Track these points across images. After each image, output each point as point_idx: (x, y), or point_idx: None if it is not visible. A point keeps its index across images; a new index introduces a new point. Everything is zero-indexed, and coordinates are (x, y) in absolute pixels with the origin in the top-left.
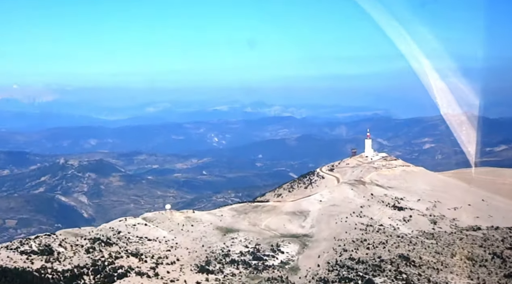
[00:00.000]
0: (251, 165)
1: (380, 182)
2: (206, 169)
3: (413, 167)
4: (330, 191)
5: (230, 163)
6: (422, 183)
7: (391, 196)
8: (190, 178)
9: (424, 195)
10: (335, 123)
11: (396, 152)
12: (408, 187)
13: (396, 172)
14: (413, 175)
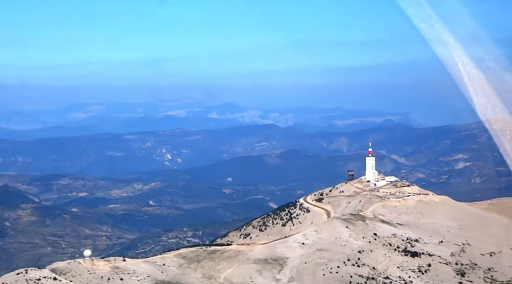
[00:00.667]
0: (217, 193)
1: (386, 217)
2: (155, 198)
3: (434, 196)
4: (316, 229)
5: (187, 190)
6: (445, 218)
7: (402, 236)
8: (131, 210)
9: (449, 235)
10: (332, 134)
11: (417, 173)
12: (426, 224)
13: (410, 203)
14: (433, 207)
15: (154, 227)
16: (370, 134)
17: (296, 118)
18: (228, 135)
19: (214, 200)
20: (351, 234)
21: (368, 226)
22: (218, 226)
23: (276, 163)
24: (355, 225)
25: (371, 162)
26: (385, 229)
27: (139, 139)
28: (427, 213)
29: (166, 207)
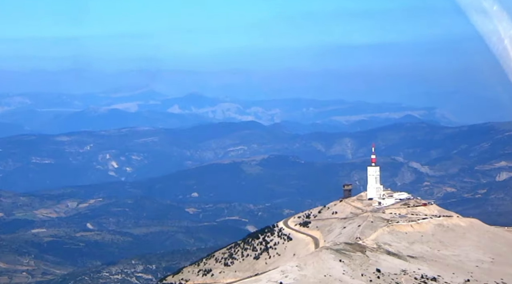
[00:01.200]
0: (178, 213)
1: (394, 247)
2: (94, 220)
3: (459, 219)
4: (299, 264)
5: (138, 209)
6: (474, 248)
7: (414, 273)
8: (62, 236)
9: (478, 272)
10: (332, 135)
11: (445, 187)
12: (447, 257)
13: (426, 229)
14: (457, 233)
15: (92, 259)
16: (383, 134)
17: (285, 113)
18: (194, 136)
19: (174, 222)
20: (345, 271)
21: (369, 259)
22: (177, 258)
23: (257, 173)
24: (351, 258)
25: (374, 173)
26: (392, 263)
27: (75, 141)
28: (449, 241)
29: (109, 232)
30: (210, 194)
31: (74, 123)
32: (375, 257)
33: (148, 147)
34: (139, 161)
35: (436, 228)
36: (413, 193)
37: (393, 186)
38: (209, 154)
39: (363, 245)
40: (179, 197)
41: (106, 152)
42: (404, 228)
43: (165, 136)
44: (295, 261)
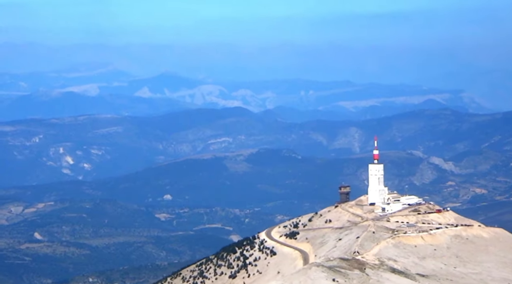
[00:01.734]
0: (147, 219)
1: (400, 263)
2: (43, 229)
3: (481, 229)
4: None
5: (98, 215)
6: (499, 265)
7: None
8: (4, 249)
9: None
10: (337, 124)
11: (473, 187)
12: (465, 276)
13: (441, 241)
14: (478, 246)
15: (41, 276)
16: (398, 123)
17: (279, 98)
18: (167, 126)
19: (142, 231)
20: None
21: (369, 278)
22: (145, 274)
23: (244, 171)
24: (347, 276)
25: (377, 172)
26: (398, 283)
27: (21, 132)
28: (468, 256)
29: (62, 244)
30: (186, 196)
31: (20, 110)
32: (377, 276)
33: (111, 139)
34: (100, 156)
35: (453, 240)
36: (435, 195)
37: (411, 187)
38: (185, 147)
39: (362, 261)
40: (148, 201)
41: (59, 145)
42: (413, 240)
43: (131, 125)
44: (279, 281)
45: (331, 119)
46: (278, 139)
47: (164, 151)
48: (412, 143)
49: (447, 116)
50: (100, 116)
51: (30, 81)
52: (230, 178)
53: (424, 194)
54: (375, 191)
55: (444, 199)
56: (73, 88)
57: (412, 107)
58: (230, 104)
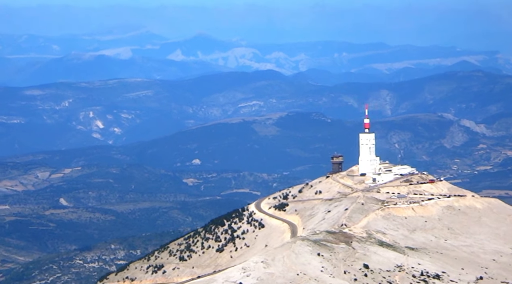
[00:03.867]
0: (174, 184)
1: (389, 236)
2: (69, 195)
3: (474, 200)
4: (266, 259)
5: (125, 181)
6: (492, 237)
7: (413, 270)
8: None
9: (495, 268)
10: (369, 86)
11: (505, 150)
12: (456, 249)
13: (432, 212)
14: (471, 218)
15: (66, 243)
16: (430, 86)
17: (312, 60)
18: (198, 89)
19: (168, 196)
20: (325, 267)
21: (355, 252)
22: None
23: (273, 135)
24: (333, 250)
25: (368, 142)
26: (385, 257)
27: (50, 96)
28: (460, 228)
29: (87, 210)
30: (214, 161)
31: (51, 73)
32: (364, 250)
33: (141, 103)
34: (130, 121)
35: (444, 212)
36: (465, 158)
37: (441, 149)
38: (215, 111)
39: (350, 234)
40: (176, 165)
41: (89, 110)
42: (403, 211)
43: (162, 89)
44: (261, 256)
45: (364, 81)
46: (309, 102)
47: (194, 115)
48: (444, 106)
49: (479, 78)
50: (130, 80)
51: (63, 44)
52: (259, 142)
53: (455, 157)
54: (366, 161)
55: (475, 162)
56: (105, 51)
57: (446, 69)
58: (263, 67)
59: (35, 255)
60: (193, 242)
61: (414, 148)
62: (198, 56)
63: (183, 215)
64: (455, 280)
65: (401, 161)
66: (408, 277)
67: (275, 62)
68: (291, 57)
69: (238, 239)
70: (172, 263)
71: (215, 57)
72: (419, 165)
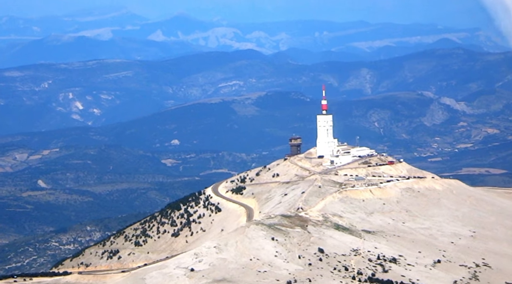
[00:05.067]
0: (152, 165)
1: (346, 219)
2: (47, 176)
3: (433, 181)
4: (219, 244)
5: (103, 162)
6: (451, 219)
7: (369, 254)
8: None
9: (453, 250)
10: (349, 65)
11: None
12: (414, 231)
13: (390, 194)
14: (430, 200)
15: (43, 225)
16: (410, 64)
17: (293, 39)
18: (178, 70)
19: (146, 177)
20: (279, 252)
21: (310, 236)
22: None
23: (252, 115)
24: (288, 235)
25: (325, 123)
26: (341, 241)
27: (29, 77)
28: (418, 211)
29: (64, 191)
30: (193, 141)
31: (31, 55)
32: (319, 233)
33: (120, 84)
34: (110, 102)
35: (403, 194)
36: (446, 136)
37: (421, 127)
38: (195, 91)
39: (305, 217)
40: (155, 146)
41: (69, 91)
42: (361, 194)
43: (141, 70)
44: (214, 241)
45: (344, 60)
46: (289, 82)
47: (174, 95)
48: (424, 84)
49: (459, 56)
50: (110, 61)
51: (44, 26)
52: (238, 122)
53: (435, 135)
54: (324, 143)
55: (456, 140)
56: (85, 32)
57: (427, 47)
58: (243, 46)
59: (11, 237)
60: (149, 226)
61: (393, 126)
62: (178, 36)
63: (161, 196)
64: (412, 264)
65: (359, 142)
66: (364, 261)
67: (255, 41)
68: (271, 37)
69: (194, 223)
70: (127, 248)
71: (196, 37)
72: (399, 144)
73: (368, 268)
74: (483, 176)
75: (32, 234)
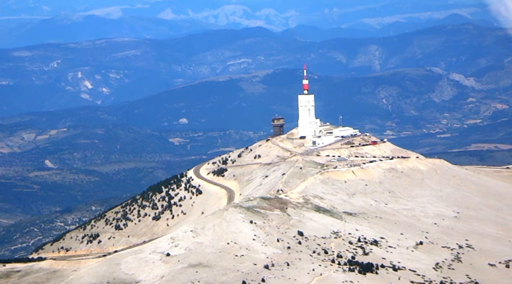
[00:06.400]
0: (160, 144)
1: (327, 200)
2: (54, 156)
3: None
4: (195, 228)
5: (110, 141)
6: (434, 199)
7: (350, 236)
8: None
9: (435, 232)
10: (358, 42)
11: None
12: (397, 213)
13: (373, 175)
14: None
15: (50, 205)
16: (419, 40)
17: (302, 16)
18: (186, 48)
19: (154, 156)
20: (257, 235)
21: (290, 218)
22: None
23: (260, 93)
24: (267, 218)
25: (307, 103)
26: (321, 223)
27: (38, 57)
28: (401, 191)
29: (71, 171)
30: (201, 119)
31: (41, 35)
32: (299, 216)
33: (129, 62)
34: (119, 80)
35: (386, 174)
36: (455, 112)
37: (429, 104)
38: (204, 69)
39: (285, 200)
40: (164, 125)
41: (78, 70)
42: (343, 175)
43: (150, 48)
44: (191, 225)
45: (353, 37)
46: (297, 59)
47: (183, 73)
48: (434, 60)
49: (469, 31)
50: (118, 40)
51: (54, 5)
52: (245, 100)
53: (444, 111)
54: (306, 124)
55: (465, 116)
56: (95, 11)
57: (437, 22)
58: (253, 24)
59: (18, 217)
60: (130, 210)
61: (402, 103)
62: (188, 14)
63: (167, 175)
64: (394, 246)
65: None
66: (345, 243)
67: (265, 18)
68: (281, 14)
69: (175, 206)
70: (108, 232)
71: (206, 15)
72: (407, 120)
73: (348, 251)
74: (491, 152)
75: (38, 215)
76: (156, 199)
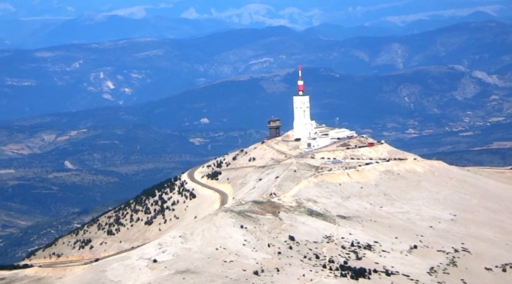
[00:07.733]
0: (181, 144)
1: (321, 204)
2: (74, 157)
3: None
4: (184, 234)
5: (131, 141)
6: (431, 202)
7: (343, 240)
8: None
9: (430, 235)
10: (380, 40)
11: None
12: (392, 216)
13: (369, 178)
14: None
15: (68, 206)
16: (442, 37)
17: (326, 15)
18: (209, 48)
19: (173, 157)
20: (247, 240)
21: (282, 223)
22: None
23: (281, 92)
24: (258, 222)
25: (302, 105)
26: (314, 227)
27: (60, 57)
28: (397, 194)
29: (90, 172)
30: (222, 119)
31: (64, 35)
32: (291, 220)
33: (151, 62)
34: (141, 80)
35: (382, 177)
36: (477, 109)
37: (452, 102)
38: (226, 69)
39: (278, 203)
40: (185, 125)
41: (100, 70)
42: (338, 178)
43: (172, 48)
44: (180, 230)
45: (376, 35)
46: (320, 58)
47: (205, 73)
48: (457, 58)
49: (492, 28)
50: (141, 40)
51: (78, 5)
52: (266, 99)
53: (467, 109)
54: (301, 126)
55: (488, 114)
56: (118, 11)
57: (460, 20)
58: (276, 22)
59: (36, 219)
60: (123, 214)
61: (424, 101)
62: (212, 13)
63: None
64: (387, 250)
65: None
66: (337, 248)
67: (288, 17)
68: (304, 12)
69: (168, 210)
70: (100, 238)
71: (229, 14)
72: (430, 119)
73: (340, 255)
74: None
75: (56, 216)
76: (149, 203)
